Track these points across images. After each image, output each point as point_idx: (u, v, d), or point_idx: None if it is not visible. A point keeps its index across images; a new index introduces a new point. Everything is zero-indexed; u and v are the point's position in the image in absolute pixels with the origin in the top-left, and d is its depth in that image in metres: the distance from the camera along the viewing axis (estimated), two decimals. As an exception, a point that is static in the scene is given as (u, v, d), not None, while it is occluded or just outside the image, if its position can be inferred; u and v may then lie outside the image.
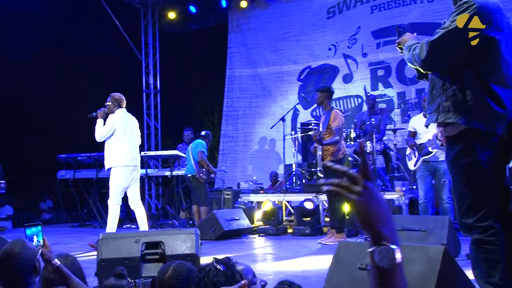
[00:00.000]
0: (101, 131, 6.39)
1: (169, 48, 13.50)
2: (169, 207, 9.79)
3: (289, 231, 7.79)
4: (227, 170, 10.72)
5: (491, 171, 2.57)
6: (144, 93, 13.03)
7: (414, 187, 7.55)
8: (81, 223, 10.17)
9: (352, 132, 8.21)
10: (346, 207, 6.84)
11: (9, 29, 11.99)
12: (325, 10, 11.61)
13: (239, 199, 8.71)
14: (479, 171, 2.57)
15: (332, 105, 6.65)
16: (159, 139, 13.04)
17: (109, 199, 6.42)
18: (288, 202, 8.80)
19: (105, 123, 6.47)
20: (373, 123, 7.79)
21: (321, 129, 6.47)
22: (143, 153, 9.59)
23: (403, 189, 7.31)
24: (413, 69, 2.90)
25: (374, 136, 7.60)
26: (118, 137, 6.37)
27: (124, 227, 9.21)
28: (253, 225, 7.98)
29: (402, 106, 10.48)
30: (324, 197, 7.03)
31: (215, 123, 13.13)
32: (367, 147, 7.53)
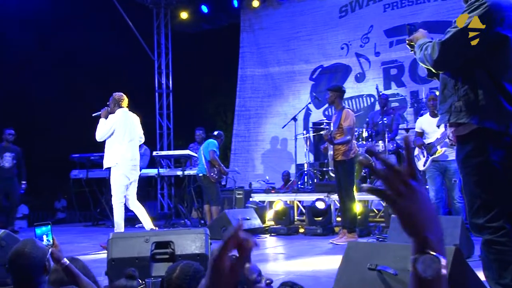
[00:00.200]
0: (100, 130, 6.46)
1: (181, 48, 13.53)
2: (181, 207, 9.81)
3: (301, 230, 7.77)
4: (239, 171, 10.72)
5: (502, 171, 2.53)
6: (157, 93, 13.09)
7: (427, 187, 7.48)
8: (94, 222, 10.23)
9: (364, 132, 8.16)
10: (358, 207, 6.82)
11: (22, 29, 12.10)
12: (338, 9, 11.56)
13: (251, 199, 8.70)
14: (490, 170, 2.53)
15: (343, 105, 6.63)
16: (171, 139, 13.09)
17: (113, 198, 6.48)
18: (299, 201, 8.77)
19: None
20: (385, 122, 7.74)
21: (332, 129, 6.45)
22: (155, 153, 9.64)
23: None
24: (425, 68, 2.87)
25: (387, 135, 7.55)
26: (117, 137, 6.43)
27: (136, 226, 9.25)
28: (264, 225, 7.97)
29: (415, 105, 10.40)
30: (336, 197, 6.99)
31: (228, 122, 13.14)
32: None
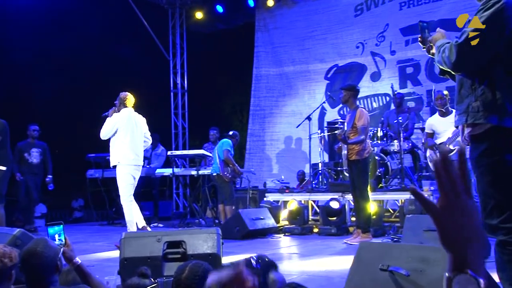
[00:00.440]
0: (104, 129, 6.57)
1: (196, 48, 13.57)
2: (196, 206, 9.84)
3: (315, 230, 7.74)
4: (254, 170, 10.71)
5: (517, 171, 2.49)
6: (172, 93, 13.14)
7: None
8: (109, 221, 10.31)
9: (379, 131, 8.09)
10: (372, 206, 6.77)
11: (39, 29, 12.23)
12: (353, 8, 11.49)
13: (265, 199, 8.69)
14: (505, 170, 2.49)
15: (357, 104, 6.59)
16: (186, 138, 13.13)
17: (121, 198, 6.54)
18: (314, 201, 8.73)
19: None
20: (401, 121, 7.67)
21: (346, 128, 6.41)
22: (169, 152, 9.68)
23: (431, 188, 7.18)
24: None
25: (402, 134, 7.48)
26: (120, 136, 6.52)
27: (151, 225, 9.30)
28: (278, 225, 7.95)
29: (432, 104, 10.28)
30: (350, 196, 6.95)
31: (244, 122, 13.14)
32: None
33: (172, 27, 13.29)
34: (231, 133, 8.79)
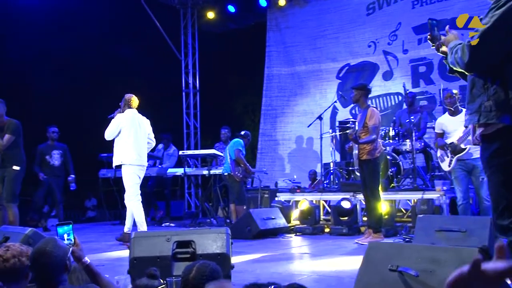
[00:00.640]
0: (108, 130, 6.67)
1: (208, 48, 13.60)
2: (207, 206, 9.86)
3: (326, 230, 7.72)
4: (266, 170, 10.70)
5: (529, 171, 2.45)
6: (184, 93, 13.18)
7: (452, 186, 7.34)
8: (121, 221, 10.34)
9: (391, 130, 8.03)
10: (384, 206, 6.73)
11: (51, 28, 12.32)
12: (365, 7, 11.42)
13: (276, 198, 8.67)
14: (516, 170, 2.46)
15: (368, 103, 6.54)
16: (198, 138, 13.16)
17: (128, 198, 6.62)
18: (325, 201, 8.70)
19: None
20: (413, 121, 7.60)
21: (357, 128, 6.37)
22: (181, 152, 9.70)
23: (444, 188, 7.12)
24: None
25: (414, 134, 7.42)
26: (123, 136, 6.61)
27: (163, 225, 9.34)
28: (289, 224, 7.93)
29: (442, 104, 10.19)
30: (362, 196, 6.91)
31: (256, 121, 13.12)
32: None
33: (184, 27, 13.33)
34: (242, 133, 8.79)
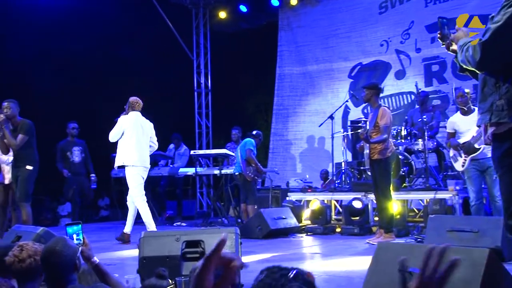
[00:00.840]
0: (112, 132, 6.80)
1: (219, 48, 13.61)
2: (219, 205, 9.87)
3: (338, 230, 7.69)
4: (278, 170, 10.67)
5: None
6: (196, 93, 13.21)
7: (465, 186, 7.27)
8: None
9: (403, 130, 7.96)
10: (395, 206, 6.68)
11: (64, 28, 12.40)
12: (377, 5, 11.34)
13: (287, 198, 8.65)
14: (528, 170, 2.43)
15: (379, 103, 6.50)
16: (210, 138, 13.19)
17: (134, 199, 6.69)
18: (337, 201, 8.66)
19: None
20: (425, 120, 7.54)
21: (369, 127, 6.33)
22: (192, 152, 9.73)
23: (456, 188, 7.05)
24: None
25: (426, 133, 7.36)
26: (125, 137, 6.73)
27: (174, 224, 9.37)
28: (301, 224, 7.91)
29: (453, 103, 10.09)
30: (373, 196, 6.87)
31: (269, 121, 13.11)
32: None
33: (195, 27, 13.35)
34: (254, 132, 8.80)
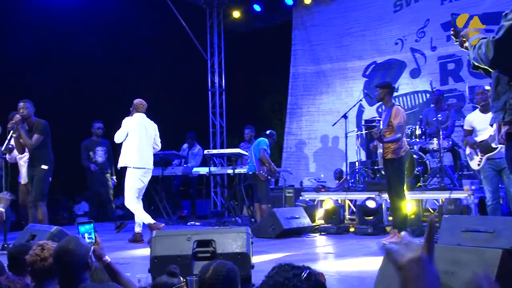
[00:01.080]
0: (117, 133, 6.91)
1: (233, 47, 13.62)
2: (233, 204, 9.89)
3: (351, 230, 7.65)
4: (291, 169, 10.66)
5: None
6: (210, 92, 13.25)
7: (481, 186, 7.18)
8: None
9: (417, 129, 7.89)
10: (409, 205, 6.63)
11: (74, 28, 12.47)
12: (392, 4, 11.26)
13: (301, 197, 8.63)
14: (542, 170, 2.39)
15: (393, 102, 6.46)
16: (224, 137, 13.21)
17: (125, 201, 6.86)
18: (350, 200, 8.62)
19: None
20: (440, 119, 7.47)
21: (382, 126, 6.29)
22: (206, 151, 9.75)
23: (472, 188, 6.97)
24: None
25: (441, 132, 7.29)
26: (129, 138, 6.82)
27: (188, 224, 9.40)
28: (314, 224, 7.89)
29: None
30: (387, 195, 6.82)
31: (284, 120, 13.09)
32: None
33: (210, 27, 13.39)
34: (268, 132, 8.80)
